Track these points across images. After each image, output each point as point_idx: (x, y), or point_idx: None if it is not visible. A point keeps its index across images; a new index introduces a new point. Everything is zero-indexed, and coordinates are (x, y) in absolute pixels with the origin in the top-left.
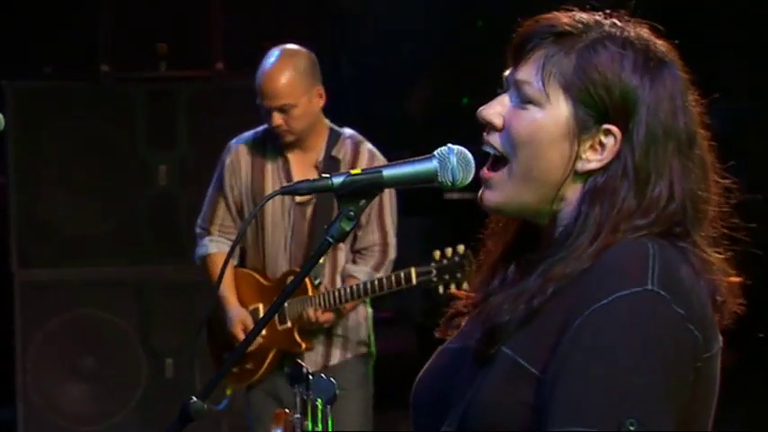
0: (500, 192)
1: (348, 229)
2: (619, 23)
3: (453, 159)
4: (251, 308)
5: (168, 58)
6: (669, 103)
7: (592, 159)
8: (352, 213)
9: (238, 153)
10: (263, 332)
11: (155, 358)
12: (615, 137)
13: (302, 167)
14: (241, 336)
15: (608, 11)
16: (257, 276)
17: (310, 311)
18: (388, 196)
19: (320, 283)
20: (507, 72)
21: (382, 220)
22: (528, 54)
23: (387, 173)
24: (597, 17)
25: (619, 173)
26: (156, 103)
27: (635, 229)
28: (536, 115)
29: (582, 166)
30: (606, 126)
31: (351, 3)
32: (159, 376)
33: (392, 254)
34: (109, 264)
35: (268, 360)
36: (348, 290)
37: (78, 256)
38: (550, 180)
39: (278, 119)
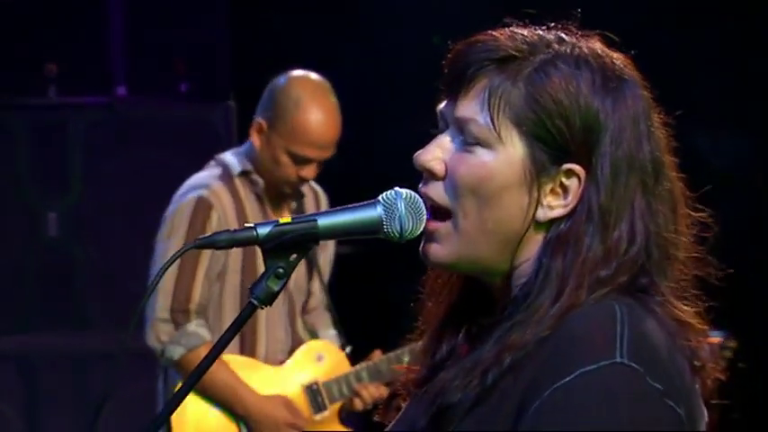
0: (448, 246)
1: (276, 289)
2: (566, 38)
3: (401, 206)
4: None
5: (58, 81)
6: (633, 129)
7: (555, 206)
8: (281, 270)
9: (222, 204)
10: None
11: None
12: (579, 177)
13: (281, 215)
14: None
15: (551, 24)
16: (258, 362)
17: (370, 388)
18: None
19: (351, 350)
20: (442, 106)
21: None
22: (467, 85)
23: (322, 222)
24: (541, 33)
25: (583, 217)
26: (43, 137)
27: (599, 282)
28: (485, 158)
29: (544, 214)
30: (568, 166)
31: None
32: None
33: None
34: None
35: None
36: (409, 357)
37: None
38: (507, 232)
39: (314, 171)
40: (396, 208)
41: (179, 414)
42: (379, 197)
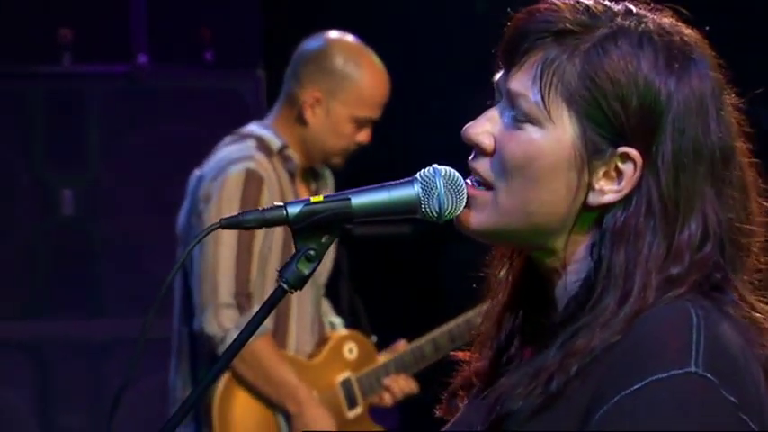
0: (485, 215)
1: (307, 272)
2: (635, 11)
3: (440, 184)
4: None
5: (74, 47)
6: (699, 114)
7: (607, 190)
8: (312, 253)
9: (270, 177)
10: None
11: None
12: (635, 162)
13: (308, 194)
14: None
15: None
16: (293, 356)
17: (400, 382)
18: None
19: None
20: (498, 77)
21: None
22: (522, 57)
23: (356, 201)
24: (607, 3)
25: (642, 209)
26: (58, 108)
27: (669, 281)
28: (534, 137)
29: (595, 198)
30: (623, 149)
31: None
32: None
33: None
34: None
35: None
36: (431, 347)
37: None
38: (552, 215)
39: (369, 134)
40: (434, 186)
41: (221, 409)
42: (417, 175)
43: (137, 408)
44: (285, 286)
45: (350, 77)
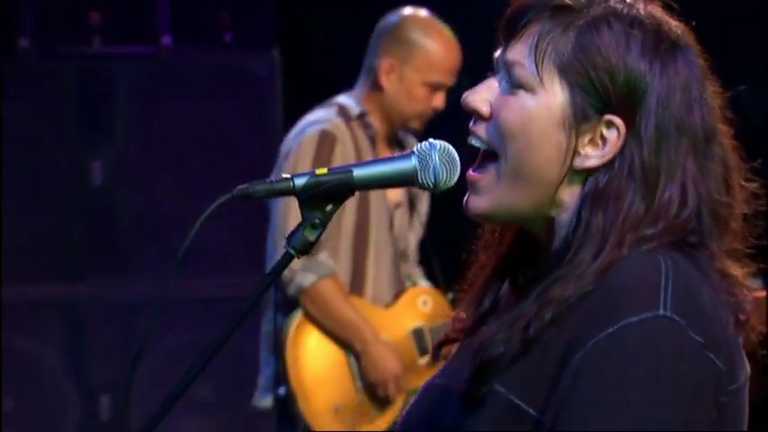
0: (488, 196)
1: (313, 239)
2: None
3: (435, 157)
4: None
5: (103, 30)
6: (683, 94)
7: (591, 155)
8: (317, 221)
9: (344, 139)
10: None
11: (87, 396)
12: (618, 130)
13: None
14: (395, 394)
15: None
16: (368, 303)
17: None
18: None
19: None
20: (497, 52)
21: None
22: (521, 31)
23: (358, 173)
24: None
25: (624, 173)
26: (88, 86)
27: (642, 240)
28: (527, 102)
29: (580, 162)
30: (608, 117)
31: None
32: (93, 418)
33: None
34: (30, 281)
35: (397, 409)
36: None
37: None
38: (545, 179)
39: (444, 99)
40: (430, 159)
41: (296, 347)
42: (414, 148)
43: (165, 363)
44: (292, 252)
45: (420, 45)
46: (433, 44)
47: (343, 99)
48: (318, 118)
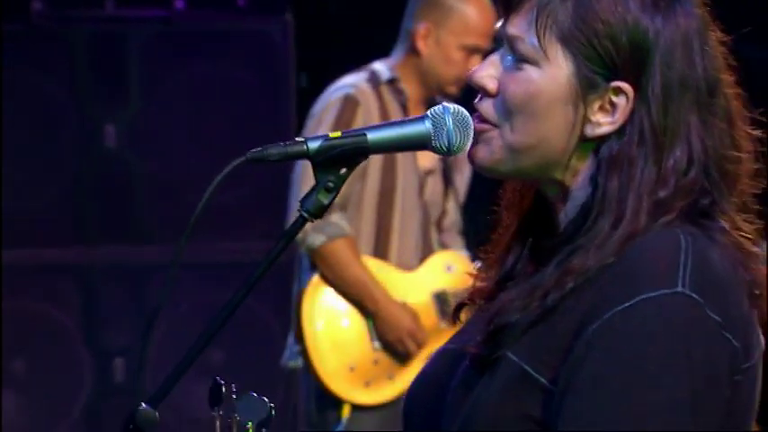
0: (492, 149)
1: (326, 202)
2: None
3: (449, 121)
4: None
5: None
6: (684, 48)
7: (603, 122)
8: (331, 184)
9: (368, 104)
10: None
11: (101, 358)
12: (627, 95)
13: None
14: (414, 349)
15: None
16: (390, 266)
17: None
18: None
19: None
20: (498, 25)
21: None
22: (519, 3)
23: (372, 136)
24: None
25: (635, 138)
26: (101, 50)
27: (658, 205)
28: (532, 76)
29: (592, 130)
30: (616, 83)
31: None
32: (107, 380)
33: None
34: (44, 244)
35: (417, 367)
36: None
37: (6, 236)
38: (552, 147)
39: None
40: (444, 123)
41: (311, 306)
42: (428, 112)
43: (178, 328)
44: (306, 215)
45: (455, 8)
46: (468, 7)
47: (377, 64)
48: (346, 82)
